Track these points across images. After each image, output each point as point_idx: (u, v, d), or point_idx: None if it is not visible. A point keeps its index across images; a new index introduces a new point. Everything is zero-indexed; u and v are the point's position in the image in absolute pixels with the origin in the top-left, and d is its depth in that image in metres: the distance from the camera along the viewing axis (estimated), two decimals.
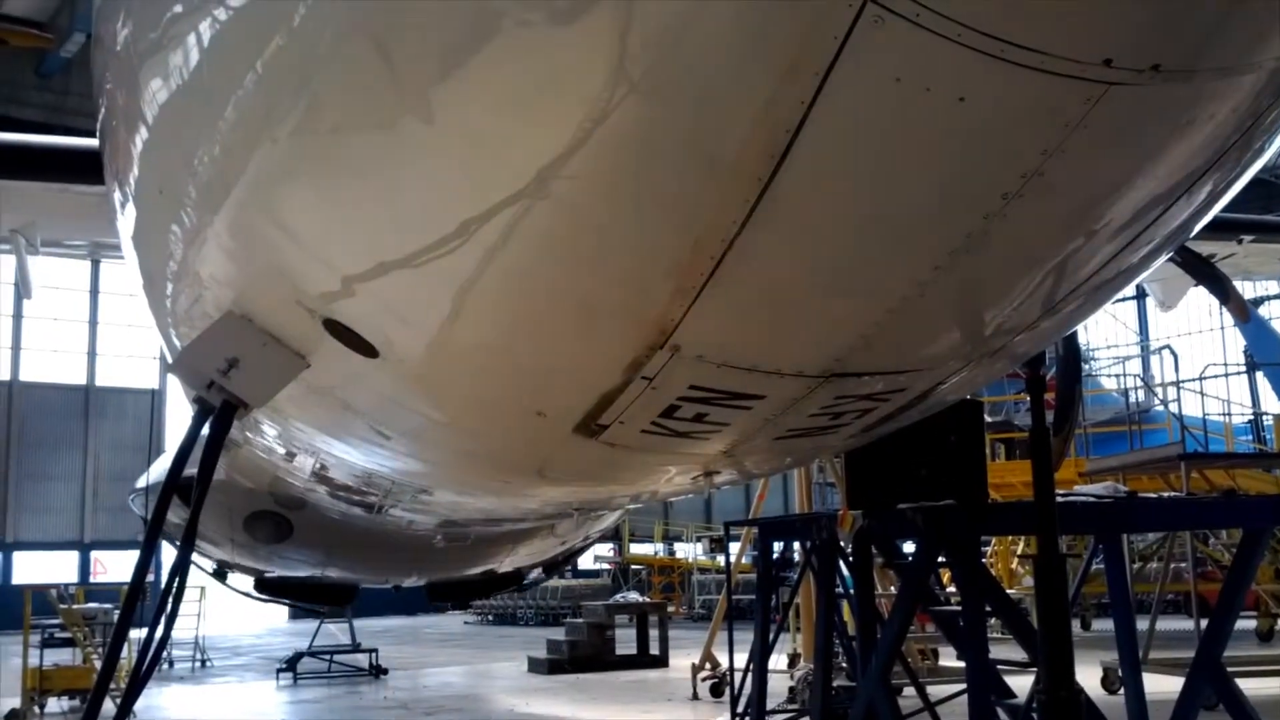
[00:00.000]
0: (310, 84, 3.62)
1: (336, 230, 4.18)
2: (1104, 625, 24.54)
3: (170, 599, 5.54)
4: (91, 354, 57.42)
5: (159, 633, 5.56)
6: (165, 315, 6.21)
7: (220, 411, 5.08)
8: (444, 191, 3.63)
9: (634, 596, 33.30)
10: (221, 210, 4.50)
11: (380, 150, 3.61)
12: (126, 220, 5.77)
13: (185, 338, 5.77)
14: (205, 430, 5.39)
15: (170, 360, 5.98)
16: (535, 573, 16.97)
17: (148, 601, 6.16)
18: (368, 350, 4.59)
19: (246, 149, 4.09)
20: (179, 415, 52.87)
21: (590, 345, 4.11)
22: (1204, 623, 10.16)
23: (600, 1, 2.81)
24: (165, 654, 21.36)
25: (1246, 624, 24.52)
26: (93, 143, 10.98)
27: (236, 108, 3.97)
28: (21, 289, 13.69)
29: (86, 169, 10.87)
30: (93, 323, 57.36)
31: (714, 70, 2.88)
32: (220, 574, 16.15)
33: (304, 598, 16.88)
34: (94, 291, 57.01)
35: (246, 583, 16.57)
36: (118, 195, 5.71)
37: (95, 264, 55.44)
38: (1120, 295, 4.83)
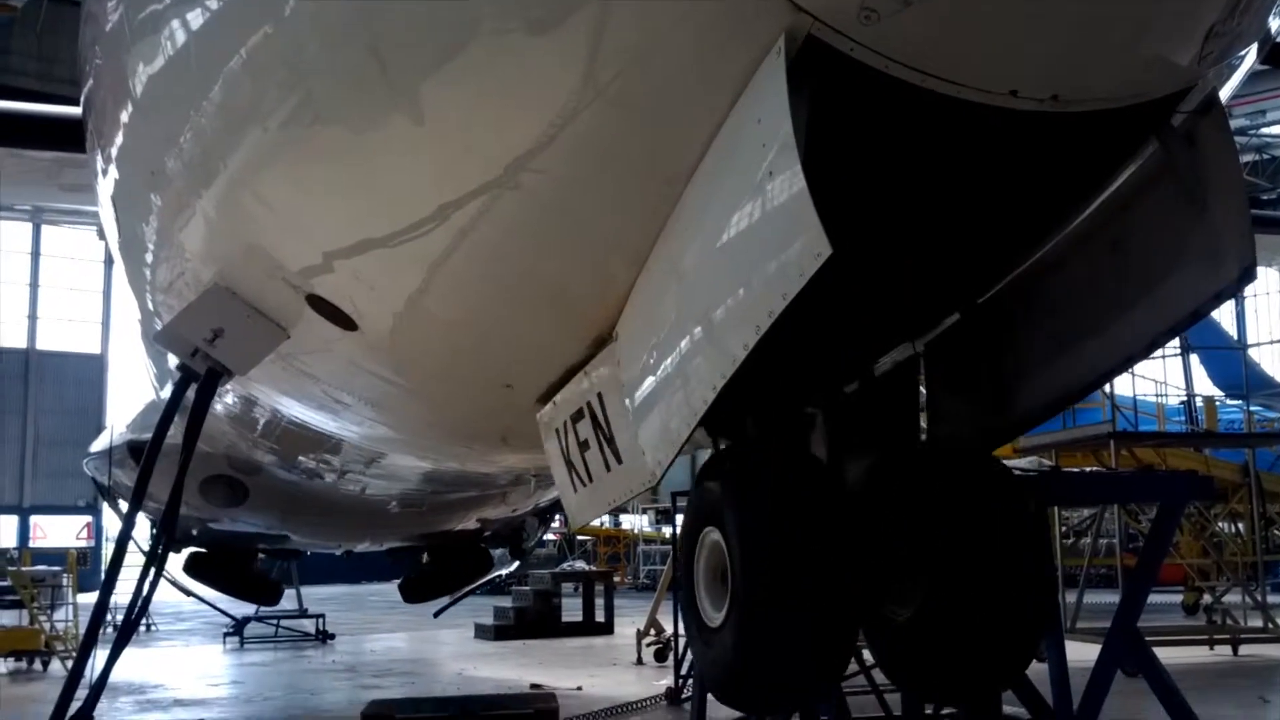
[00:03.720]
0: (298, 71, 3.92)
1: (320, 210, 4.46)
2: None
3: (155, 564, 5.85)
4: (32, 317, 56.62)
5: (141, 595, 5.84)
6: (144, 285, 6.43)
7: (205, 379, 5.36)
8: (421, 177, 3.94)
9: (580, 565, 33.66)
10: (209, 188, 4.76)
11: (363, 136, 3.91)
12: (109, 192, 5.98)
13: (166, 307, 6.01)
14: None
15: (154, 328, 6.22)
16: (511, 566, 17.04)
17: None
18: (347, 324, 4.89)
19: (235, 130, 4.36)
20: (120, 381, 52.33)
21: (557, 323, 4.43)
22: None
23: (571, 15, 3.16)
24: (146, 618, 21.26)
25: (1175, 597, 25.43)
26: (55, 109, 11.10)
27: (226, 91, 4.24)
28: None
29: (44, 134, 10.99)
30: (33, 285, 56.53)
31: (671, 84, 3.25)
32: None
33: (233, 587, 16.65)
34: (35, 254, 56.21)
35: (174, 563, 16.39)
36: (101, 167, 5.91)
37: (36, 227, 54.73)
38: None
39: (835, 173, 3.04)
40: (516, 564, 17.29)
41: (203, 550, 15.25)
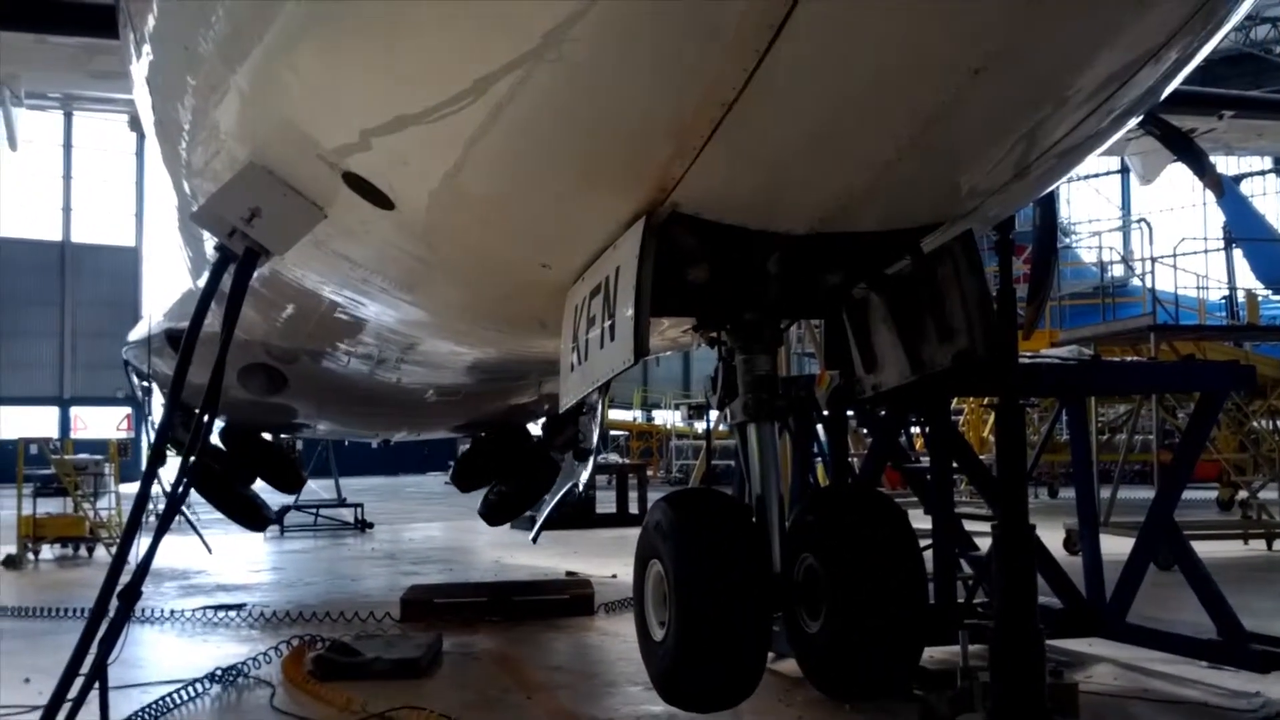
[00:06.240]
0: None
1: (355, 85, 4.35)
2: (1071, 494, 25.25)
3: (193, 455, 5.92)
4: (66, 210, 56.80)
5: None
6: (180, 167, 6.38)
7: (243, 259, 5.33)
8: (457, 49, 3.83)
9: (614, 459, 33.91)
10: (244, 64, 4.66)
11: (398, 5, 3.79)
12: (143, 74, 5.89)
13: (202, 190, 5.96)
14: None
15: (190, 211, 6.18)
16: (581, 473, 16.97)
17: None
18: (384, 202, 4.82)
19: (269, 4, 4.25)
20: (155, 274, 52.66)
21: (594, 201, 4.34)
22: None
23: None
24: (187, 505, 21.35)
25: (1210, 494, 25.39)
26: None
27: None
28: (9, 142, 13.73)
29: (74, 20, 10.86)
30: (66, 177, 56.61)
31: None
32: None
33: (225, 506, 16.49)
34: (67, 145, 56.19)
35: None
36: (134, 48, 5.82)
37: (68, 116, 54.50)
38: (1104, 170, 5.05)
39: None
40: (590, 467, 17.29)
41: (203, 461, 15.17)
